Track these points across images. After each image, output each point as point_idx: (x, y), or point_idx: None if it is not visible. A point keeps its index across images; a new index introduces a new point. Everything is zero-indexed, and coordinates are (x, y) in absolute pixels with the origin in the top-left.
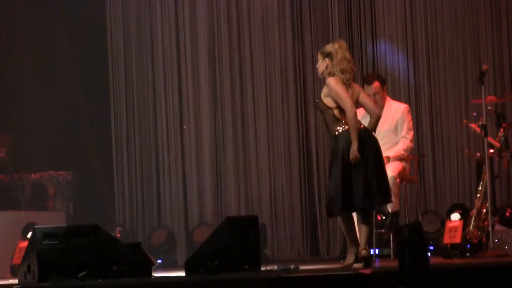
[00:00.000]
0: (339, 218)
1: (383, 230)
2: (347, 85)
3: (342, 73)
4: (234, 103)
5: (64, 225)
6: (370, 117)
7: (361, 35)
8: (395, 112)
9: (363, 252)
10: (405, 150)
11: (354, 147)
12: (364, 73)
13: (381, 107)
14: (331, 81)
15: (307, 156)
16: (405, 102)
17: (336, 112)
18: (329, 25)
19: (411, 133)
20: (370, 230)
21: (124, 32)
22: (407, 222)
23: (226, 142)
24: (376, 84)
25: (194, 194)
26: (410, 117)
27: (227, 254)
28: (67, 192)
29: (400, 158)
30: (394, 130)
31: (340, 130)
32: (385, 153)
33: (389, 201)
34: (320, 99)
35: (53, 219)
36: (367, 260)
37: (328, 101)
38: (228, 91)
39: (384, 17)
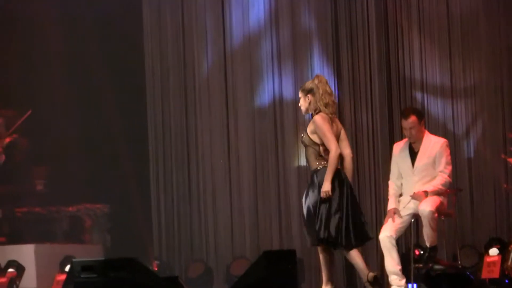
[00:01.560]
0: (319, 249)
1: (421, 265)
2: (331, 119)
3: (325, 107)
4: (275, 129)
5: (101, 258)
6: (344, 157)
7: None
8: (433, 147)
9: (371, 274)
10: (443, 185)
11: (327, 187)
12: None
13: (418, 141)
14: (317, 119)
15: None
16: (443, 136)
17: (321, 149)
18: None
19: (449, 167)
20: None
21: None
22: (445, 256)
23: (264, 173)
24: (412, 118)
25: (231, 227)
26: (448, 151)
27: (265, 287)
28: (104, 225)
29: (438, 193)
30: (432, 165)
31: (321, 167)
32: (423, 188)
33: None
34: (306, 134)
35: (90, 252)
36: (377, 280)
37: (315, 138)
38: (271, 118)
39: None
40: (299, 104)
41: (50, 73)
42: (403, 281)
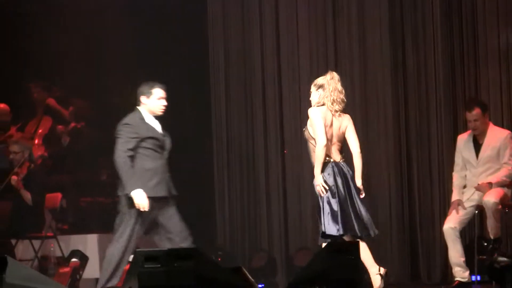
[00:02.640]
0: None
1: (484, 257)
2: (334, 116)
3: (332, 104)
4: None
5: (165, 248)
6: (352, 153)
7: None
8: (497, 139)
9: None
10: (507, 176)
11: (316, 180)
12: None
13: (482, 133)
14: (311, 112)
15: (408, 179)
16: (507, 128)
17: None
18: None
19: None
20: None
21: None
22: (508, 248)
23: None
24: (476, 110)
25: (294, 217)
26: None
27: (327, 279)
28: None
29: (502, 184)
30: (496, 156)
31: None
32: (487, 179)
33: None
34: (306, 128)
35: (153, 243)
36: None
37: (311, 131)
38: None
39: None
40: (310, 98)
41: (119, 66)
42: (467, 272)
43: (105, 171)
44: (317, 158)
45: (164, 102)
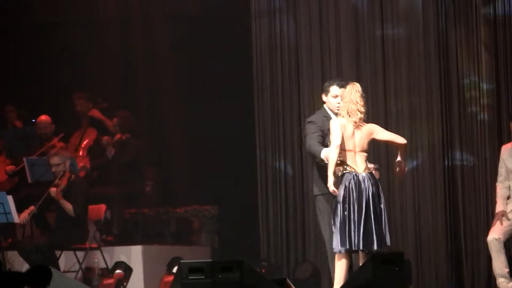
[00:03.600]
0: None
1: None
2: (354, 126)
3: (348, 114)
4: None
5: (209, 260)
6: (398, 146)
7: None
8: None
9: None
10: None
11: (330, 182)
12: None
13: None
14: (330, 123)
15: (453, 189)
16: None
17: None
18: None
19: None
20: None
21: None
22: None
23: None
24: None
25: None
26: None
27: None
28: (212, 227)
29: None
30: None
31: (342, 172)
32: None
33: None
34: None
35: (198, 254)
36: None
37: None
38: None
39: None
40: None
41: (159, 74)
42: (511, 283)
43: (149, 183)
44: (330, 159)
45: (339, 100)
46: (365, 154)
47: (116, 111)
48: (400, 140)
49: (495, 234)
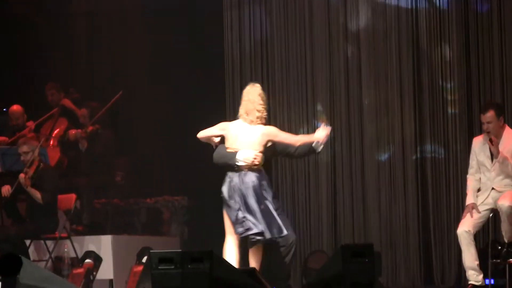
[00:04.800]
0: None
1: (499, 260)
2: (251, 125)
3: (246, 114)
4: (351, 128)
5: (179, 250)
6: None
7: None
8: None
9: None
10: None
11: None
12: None
13: (496, 136)
14: None
15: (423, 182)
16: None
17: None
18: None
19: None
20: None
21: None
22: None
23: (343, 167)
24: (490, 112)
25: (309, 221)
26: None
27: (342, 282)
28: (182, 217)
29: None
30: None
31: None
32: (502, 183)
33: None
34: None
35: (167, 244)
36: None
37: None
38: (345, 116)
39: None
40: None
41: (132, 66)
42: (481, 276)
43: (120, 173)
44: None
45: None
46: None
47: (85, 102)
48: (296, 141)
49: (465, 227)
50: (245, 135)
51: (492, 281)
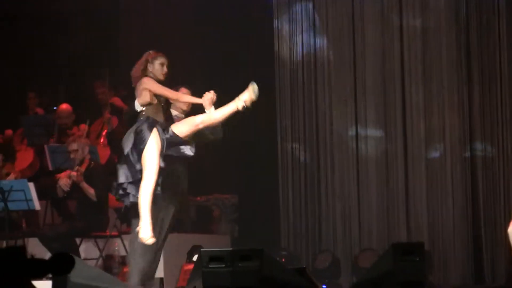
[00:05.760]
0: None
1: None
2: None
3: None
4: (403, 126)
5: (229, 248)
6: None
7: None
8: None
9: None
10: None
11: None
12: None
13: None
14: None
15: (473, 181)
16: None
17: None
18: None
19: None
20: None
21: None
22: None
23: (392, 166)
24: None
25: (359, 218)
26: None
27: (393, 280)
28: (232, 215)
29: None
30: None
31: None
32: None
33: None
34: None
35: (218, 242)
36: None
37: None
38: (398, 115)
39: None
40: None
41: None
42: None
43: None
44: None
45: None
46: None
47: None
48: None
49: None
50: None
51: None
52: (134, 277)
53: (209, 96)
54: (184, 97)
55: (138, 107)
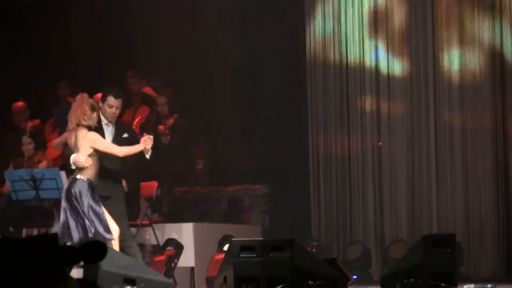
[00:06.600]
0: None
1: None
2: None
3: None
4: (428, 117)
5: (260, 238)
6: None
7: None
8: None
9: None
10: None
11: None
12: None
13: None
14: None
15: (504, 173)
16: None
17: None
18: None
19: None
20: None
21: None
22: None
23: (422, 158)
24: None
25: (389, 210)
26: None
27: (423, 272)
28: (263, 206)
29: None
30: None
31: None
32: None
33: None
34: None
35: (248, 232)
36: None
37: None
38: (424, 106)
39: None
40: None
41: (211, 53)
42: None
43: (200, 161)
44: None
45: (114, 110)
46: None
47: (162, 89)
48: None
49: None
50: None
51: None
52: None
53: (149, 142)
54: (123, 150)
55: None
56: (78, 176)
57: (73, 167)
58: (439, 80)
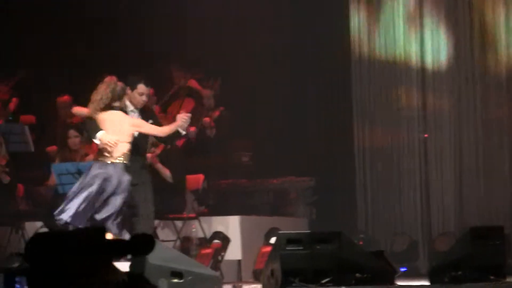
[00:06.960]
0: None
1: None
2: None
3: None
4: (475, 110)
5: (307, 231)
6: None
7: None
8: None
9: None
10: None
11: None
12: None
13: None
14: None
15: None
16: None
17: None
18: None
19: None
20: None
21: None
22: None
23: (470, 151)
24: None
25: (436, 202)
26: None
27: (471, 264)
28: (309, 198)
29: None
30: None
31: None
32: None
33: None
34: None
35: (295, 225)
36: None
37: None
38: (472, 99)
39: None
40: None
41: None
42: None
43: (247, 154)
44: None
45: (144, 98)
46: None
47: (207, 82)
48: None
49: None
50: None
51: None
52: None
53: (186, 119)
54: (164, 130)
55: None
56: (112, 161)
57: (98, 142)
58: (485, 73)
